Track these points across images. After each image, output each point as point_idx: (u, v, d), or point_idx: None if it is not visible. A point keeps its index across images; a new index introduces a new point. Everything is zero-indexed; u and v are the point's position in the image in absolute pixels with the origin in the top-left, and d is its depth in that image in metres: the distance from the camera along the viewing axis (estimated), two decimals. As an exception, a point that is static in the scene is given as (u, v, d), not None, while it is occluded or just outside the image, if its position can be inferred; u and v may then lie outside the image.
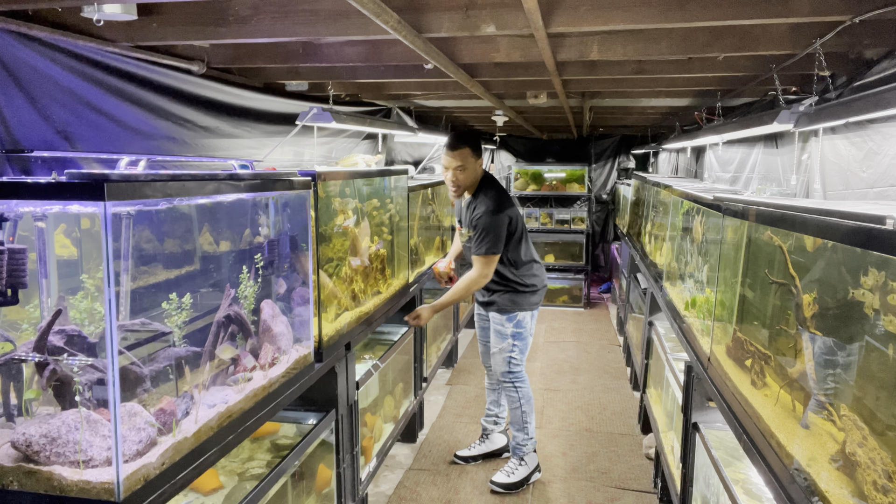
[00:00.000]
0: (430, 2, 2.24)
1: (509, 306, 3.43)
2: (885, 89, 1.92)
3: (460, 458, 3.79)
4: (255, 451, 2.46)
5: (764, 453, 1.63)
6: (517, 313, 3.42)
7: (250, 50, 2.96)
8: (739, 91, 3.84)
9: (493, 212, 3.20)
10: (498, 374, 3.52)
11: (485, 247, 3.21)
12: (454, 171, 3.24)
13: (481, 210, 3.21)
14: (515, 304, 3.42)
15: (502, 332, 3.47)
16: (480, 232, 3.20)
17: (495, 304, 3.46)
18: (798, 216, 1.53)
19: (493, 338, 3.51)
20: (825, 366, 1.44)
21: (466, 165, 3.23)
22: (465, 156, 3.23)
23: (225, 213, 2.19)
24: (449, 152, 3.24)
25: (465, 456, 3.79)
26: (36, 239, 1.69)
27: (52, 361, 1.51)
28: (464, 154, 3.23)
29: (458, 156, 3.23)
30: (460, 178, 3.26)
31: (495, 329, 3.49)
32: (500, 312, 3.45)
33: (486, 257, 3.23)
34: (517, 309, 3.42)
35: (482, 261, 3.24)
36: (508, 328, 3.45)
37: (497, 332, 3.49)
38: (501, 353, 3.49)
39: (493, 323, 3.50)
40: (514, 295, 3.42)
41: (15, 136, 2.05)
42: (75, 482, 1.39)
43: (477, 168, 3.30)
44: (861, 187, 2.59)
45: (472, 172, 3.28)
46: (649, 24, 2.18)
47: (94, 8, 1.98)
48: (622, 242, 6.89)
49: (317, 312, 2.43)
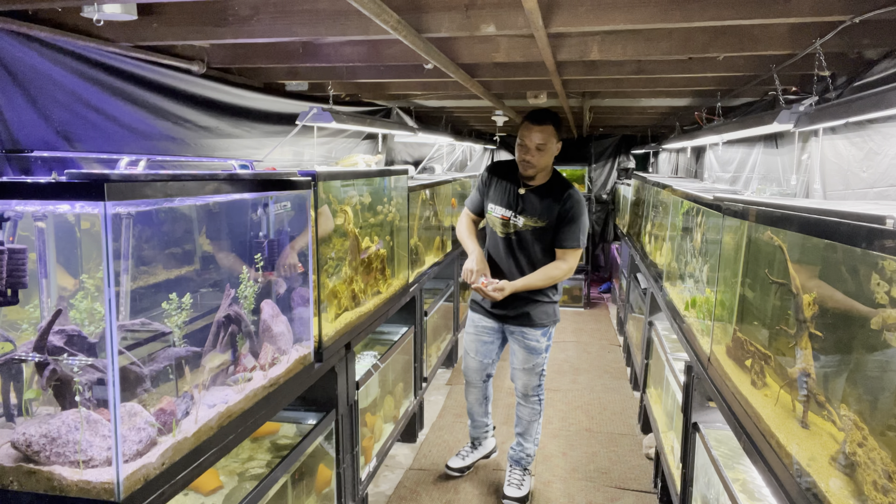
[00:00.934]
0: (430, 2, 2.24)
1: (545, 319, 3.14)
2: (885, 89, 1.92)
3: (455, 469, 3.61)
4: (255, 451, 2.46)
5: (764, 453, 1.63)
6: (550, 326, 3.17)
7: (250, 50, 2.96)
8: (739, 91, 3.84)
9: (584, 203, 3.03)
10: (527, 389, 3.26)
11: (579, 238, 3.00)
12: (535, 148, 2.92)
13: (574, 200, 2.98)
14: (550, 315, 3.16)
15: (536, 348, 3.16)
16: (577, 223, 2.98)
17: (529, 316, 3.11)
18: (798, 216, 1.53)
19: (523, 354, 3.18)
20: (825, 366, 1.44)
21: (548, 146, 2.94)
22: (549, 135, 2.93)
23: (225, 213, 2.19)
24: (533, 126, 2.91)
25: (461, 467, 3.61)
26: (36, 239, 1.69)
27: (52, 361, 1.51)
28: (548, 133, 2.93)
29: (543, 133, 2.92)
30: (537, 159, 2.94)
31: (527, 345, 3.16)
32: (534, 327, 3.13)
33: (577, 251, 3.01)
34: (551, 321, 3.16)
35: (573, 254, 3.01)
36: (543, 342, 3.17)
37: (529, 349, 3.17)
38: (535, 369, 3.21)
39: (522, 339, 3.15)
40: (549, 306, 3.15)
41: (15, 136, 2.05)
42: (75, 482, 1.39)
43: (555, 151, 3.01)
44: (861, 187, 2.59)
45: (551, 155, 2.99)
46: (649, 24, 2.18)
47: (94, 8, 1.98)
48: (622, 242, 6.89)
49: (317, 312, 2.43)
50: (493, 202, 3.15)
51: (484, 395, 3.45)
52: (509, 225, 3.07)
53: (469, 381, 3.42)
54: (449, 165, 7.49)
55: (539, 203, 3.02)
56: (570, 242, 3.00)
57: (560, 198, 2.98)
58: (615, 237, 8.66)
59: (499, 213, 3.11)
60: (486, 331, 3.27)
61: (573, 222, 2.97)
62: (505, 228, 3.08)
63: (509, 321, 3.16)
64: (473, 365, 3.36)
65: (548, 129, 2.92)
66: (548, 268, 3.00)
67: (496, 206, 3.13)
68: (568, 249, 3.00)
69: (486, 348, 3.30)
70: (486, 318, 3.25)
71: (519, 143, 2.97)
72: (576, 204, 2.98)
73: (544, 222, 2.99)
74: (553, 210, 2.98)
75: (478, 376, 3.38)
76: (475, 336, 3.30)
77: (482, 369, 3.35)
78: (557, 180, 3.08)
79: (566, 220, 2.97)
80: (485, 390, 3.44)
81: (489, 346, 3.29)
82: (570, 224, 2.97)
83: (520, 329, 3.14)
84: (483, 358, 3.31)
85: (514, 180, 3.09)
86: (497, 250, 3.14)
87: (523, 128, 2.94)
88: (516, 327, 3.16)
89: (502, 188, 3.13)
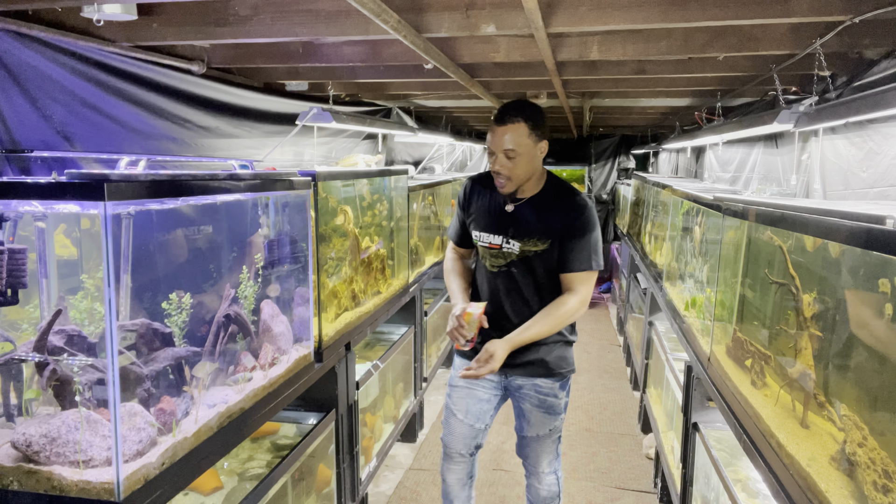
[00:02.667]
0: (430, 2, 2.24)
1: (563, 366, 2.34)
2: (885, 89, 1.92)
3: None
4: (255, 451, 2.46)
5: (764, 453, 1.63)
6: (569, 377, 2.39)
7: (250, 50, 2.96)
8: (739, 91, 3.84)
9: (594, 213, 2.26)
10: (542, 465, 2.44)
11: (594, 258, 2.22)
12: (503, 155, 2.16)
13: (580, 210, 2.21)
14: (569, 361, 2.38)
15: (555, 407, 2.35)
16: (586, 238, 2.20)
17: (545, 363, 2.30)
18: (798, 216, 1.53)
19: (538, 417, 2.35)
20: (825, 366, 1.44)
21: (522, 149, 2.14)
22: (521, 134, 2.13)
23: (225, 213, 2.18)
24: (497, 127, 2.16)
25: None
26: (36, 239, 1.69)
27: (52, 361, 1.51)
28: (518, 131, 2.13)
29: (512, 133, 2.14)
30: (510, 169, 2.17)
31: (543, 403, 2.34)
32: (552, 377, 2.32)
33: (593, 273, 2.23)
34: (569, 370, 2.37)
35: (588, 278, 2.22)
36: (562, 399, 2.37)
37: (547, 409, 2.35)
38: (551, 436, 2.40)
39: (536, 395, 2.34)
40: (567, 348, 2.36)
41: (15, 136, 2.05)
42: (75, 482, 1.39)
43: (538, 154, 2.20)
44: (861, 187, 2.59)
45: (532, 160, 2.19)
46: (649, 24, 2.18)
47: (94, 8, 1.98)
48: (622, 242, 6.89)
49: (317, 312, 2.43)
50: (479, 228, 2.35)
51: (469, 474, 2.50)
52: (502, 255, 2.28)
53: (450, 455, 2.46)
54: (449, 165, 7.49)
55: (535, 219, 2.25)
56: (580, 264, 2.21)
57: (563, 207, 2.23)
58: (615, 237, 8.66)
59: (487, 242, 2.32)
60: (483, 385, 2.39)
61: (583, 237, 2.20)
62: (497, 260, 2.30)
63: (516, 371, 2.33)
64: (460, 431, 2.41)
65: (517, 126, 2.13)
66: (553, 307, 2.21)
67: (482, 233, 2.33)
68: (579, 274, 2.21)
69: (479, 408, 2.40)
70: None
71: (487, 151, 2.23)
72: (584, 212, 2.22)
73: (546, 243, 2.22)
74: (556, 224, 2.22)
75: (464, 446, 2.42)
76: (467, 390, 2.40)
77: (472, 437, 2.42)
78: (554, 185, 2.30)
79: (574, 235, 2.20)
80: (470, 467, 2.50)
81: (485, 405, 2.40)
82: (578, 240, 2.20)
83: (531, 382, 2.32)
84: (475, 422, 2.40)
85: (499, 195, 2.31)
86: (492, 291, 2.34)
87: (489, 131, 2.19)
88: (526, 379, 2.33)
89: (486, 208, 2.35)
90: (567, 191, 2.29)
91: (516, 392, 2.39)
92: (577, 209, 2.22)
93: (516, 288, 2.29)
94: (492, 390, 2.40)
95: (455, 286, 2.42)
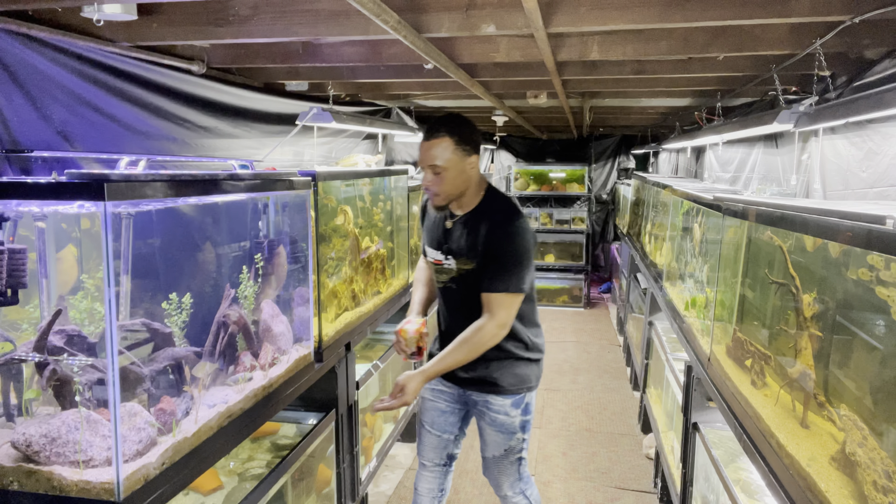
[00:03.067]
0: (430, 2, 2.24)
1: (516, 383, 2.26)
2: (885, 89, 1.92)
3: None
4: (255, 451, 2.46)
5: (764, 453, 1.63)
6: (525, 394, 2.29)
7: (250, 50, 2.96)
8: (739, 91, 3.84)
9: (522, 231, 2.14)
10: (503, 487, 2.39)
11: (512, 280, 2.11)
12: (428, 170, 2.15)
13: (502, 228, 2.13)
14: (523, 379, 2.27)
15: (508, 426, 2.28)
16: (504, 258, 2.11)
17: (491, 380, 2.24)
18: (798, 216, 1.53)
19: (491, 436, 2.30)
20: (825, 366, 1.44)
21: (449, 165, 2.12)
22: (446, 149, 2.11)
23: (225, 214, 2.18)
24: (422, 143, 2.16)
25: None
26: (36, 239, 1.69)
27: (52, 361, 1.51)
28: (443, 146, 2.11)
29: (436, 149, 2.12)
30: (438, 185, 2.15)
31: (494, 422, 2.28)
32: (501, 394, 2.25)
33: (512, 296, 2.13)
34: (525, 387, 2.28)
35: (505, 301, 2.12)
36: (516, 417, 2.28)
37: (499, 427, 2.28)
38: (508, 457, 2.32)
39: (488, 412, 2.28)
40: (520, 365, 2.27)
41: (15, 136, 2.05)
42: (75, 482, 1.39)
43: (467, 169, 2.16)
44: (861, 187, 2.59)
45: (460, 174, 2.15)
46: (649, 24, 2.18)
47: (94, 8, 1.99)
48: (622, 242, 6.89)
49: (317, 312, 2.43)
50: (426, 243, 2.36)
51: (440, 487, 2.47)
52: (444, 271, 2.26)
53: (423, 463, 2.47)
54: (449, 165, 7.47)
55: (465, 237, 2.19)
56: (496, 285, 2.11)
57: (489, 225, 2.15)
58: (615, 237, 8.66)
59: (432, 258, 2.31)
60: (444, 397, 2.39)
61: (502, 257, 2.11)
62: (441, 276, 2.29)
63: (469, 386, 2.30)
64: (429, 441, 2.43)
65: (442, 141, 2.11)
66: (469, 333, 2.13)
67: (428, 248, 2.34)
68: (495, 295, 2.11)
69: (444, 419, 2.40)
70: (444, 381, 2.37)
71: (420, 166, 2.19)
72: (507, 232, 2.12)
73: (474, 263, 2.17)
74: (480, 243, 2.15)
75: (436, 455, 2.44)
76: (431, 402, 2.41)
77: (441, 447, 2.42)
78: (490, 202, 2.22)
79: (494, 255, 2.12)
80: (442, 479, 2.47)
81: (449, 416, 2.40)
82: (497, 260, 2.12)
83: (483, 399, 2.28)
84: (441, 432, 2.40)
85: (443, 212, 2.28)
86: (443, 304, 2.37)
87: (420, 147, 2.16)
88: (479, 395, 2.29)
89: (432, 223, 2.33)
90: (497, 209, 2.20)
91: (473, 408, 2.38)
92: (501, 228, 2.14)
93: (459, 304, 2.26)
94: (452, 403, 2.40)
95: (416, 297, 2.48)
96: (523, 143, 9.23)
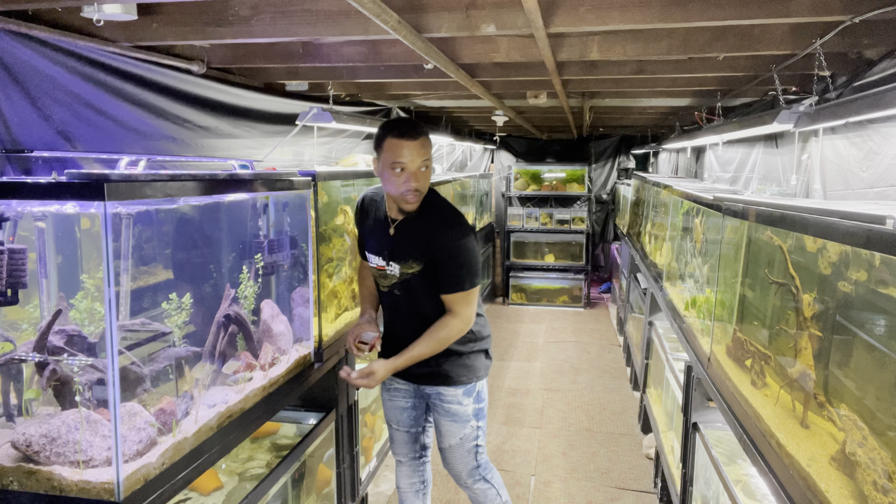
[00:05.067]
0: (430, 2, 2.24)
1: (465, 374, 2.34)
2: (885, 89, 1.92)
3: None
4: (255, 451, 2.46)
5: (764, 453, 1.63)
6: (475, 382, 2.37)
7: (250, 50, 2.96)
8: (739, 91, 3.84)
9: (465, 231, 2.22)
10: (463, 474, 2.44)
11: (467, 278, 2.20)
12: (419, 170, 2.13)
13: (451, 230, 2.19)
14: (472, 369, 2.36)
15: (461, 415, 2.36)
16: (455, 259, 2.18)
17: (442, 373, 2.32)
18: (798, 216, 1.53)
19: (445, 426, 2.38)
20: (825, 366, 1.44)
21: (430, 162, 2.17)
22: (429, 147, 2.16)
23: (225, 214, 2.19)
24: (409, 141, 2.10)
25: None
26: (36, 239, 1.69)
27: (52, 361, 1.51)
28: (428, 145, 2.16)
29: (426, 147, 2.14)
30: (424, 184, 2.17)
31: (448, 412, 2.36)
32: (453, 385, 2.34)
33: (470, 292, 2.22)
34: (475, 377, 2.36)
35: (464, 299, 2.21)
36: (469, 406, 2.36)
37: (452, 416, 2.36)
38: (464, 445, 2.39)
39: (441, 404, 2.37)
40: (471, 357, 2.35)
41: (15, 136, 2.05)
42: (75, 482, 1.39)
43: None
44: (861, 187, 2.59)
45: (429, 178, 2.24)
46: (649, 24, 2.18)
47: (94, 8, 1.98)
48: (622, 242, 6.89)
49: (317, 312, 2.43)
50: (368, 249, 2.36)
51: (421, 480, 2.58)
52: (386, 276, 2.30)
53: (399, 460, 2.57)
54: (449, 165, 7.49)
55: (410, 241, 2.23)
56: (453, 286, 2.20)
57: (433, 227, 2.21)
58: (615, 237, 8.66)
59: (375, 263, 2.33)
60: (401, 394, 2.47)
61: (452, 258, 2.18)
62: (384, 281, 2.32)
63: (422, 381, 2.38)
64: (399, 437, 2.52)
65: (427, 140, 2.16)
66: (435, 329, 2.22)
67: (371, 255, 2.35)
68: (454, 295, 2.21)
69: (405, 415, 2.48)
70: (397, 379, 2.43)
71: (393, 168, 2.11)
72: (451, 233, 2.19)
73: (420, 265, 2.21)
74: (426, 246, 2.20)
75: (408, 450, 2.53)
76: (390, 402, 2.49)
77: (411, 442, 2.52)
78: (430, 204, 2.25)
79: (443, 256, 2.19)
80: (421, 471, 2.57)
81: (408, 411, 2.48)
82: (448, 261, 2.19)
83: (436, 391, 2.36)
84: (407, 427, 2.50)
85: (384, 218, 2.30)
86: (387, 310, 2.40)
87: (394, 146, 2.10)
88: (432, 388, 2.37)
89: (373, 228, 2.34)
90: (438, 212, 2.25)
91: (428, 401, 2.45)
92: (445, 229, 2.20)
93: (403, 307, 2.31)
94: (408, 398, 2.47)
95: (363, 296, 2.48)
96: (523, 143, 9.22)
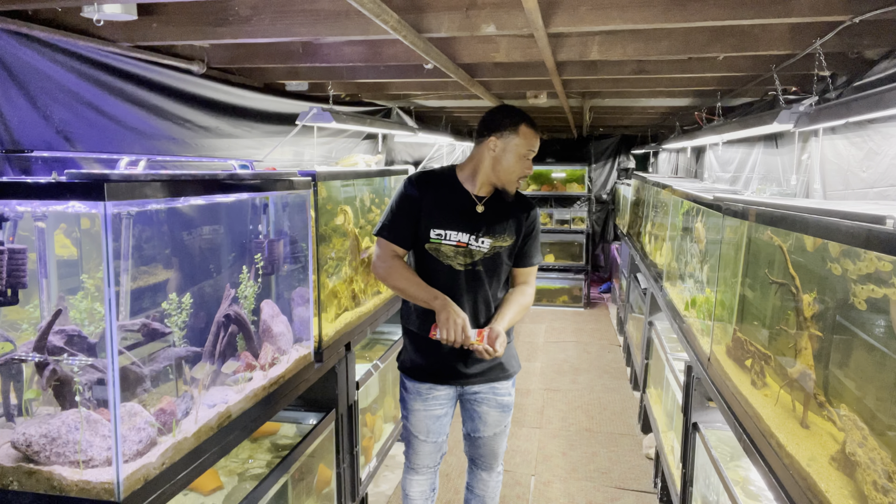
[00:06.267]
0: (430, 2, 2.24)
1: (514, 363, 2.47)
2: (885, 89, 1.92)
3: None
4: (255, 451, 2.46)
5: (764, 453, 1.63)
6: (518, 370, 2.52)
7: (250, 50, 2.96)
8: (739, 91, 3.84)
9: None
10: (496, 459, 2.55)
11: (541, 253, 2.48)
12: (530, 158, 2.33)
13: (534, 209, 2.40)
14: (516, 357, 2.50)
15: (509, 404, 2.47)
16: (538, 234, 2.43)
17: (502, 367, 2.40)
18: (798, 216, 1.53)
19: (496, 416, 2.43)
20: (825, 366, 1.44)
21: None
22: None
23: (225, 214, 2.18)
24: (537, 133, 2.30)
25: None
26: (36, 239, 1.69)
27: (52, 361, 1.51)
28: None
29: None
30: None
31: (500, 403, 2.43)
32: (508, 378, 2.43)
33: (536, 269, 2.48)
34: (518, 364, 2.51)
35: (535, 272, 2.46)
36: (513, 394, 2.50)
37: (503, 407, 2.44)
38: (505, 431, 2.51)
39: (494, 397, 2.41)
40: (511, 345, 2.45)
41: (15, 136, 2.05)
42: (75, 482, 1.39)
43: None
44: (861, 187, 2.59)
45: None
46: (649, 24, 2.18)
47: (94, 8, 1.98)
48: (622, 242, 6.89)
49: (317, 312, 2.43)
50: (440, 226, 2.29)
51: (431, 486, 2.60)
52: (469, 253, 2.29)
53: (415, 469, 2.53)
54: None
55: (502, 216, 2.33)
56: (535, 259, 2.42)
57: (521, 206, 2.36)
58: (615, 237, 8.66)
59: (454, 240, 2.29)
60: (439, 402, 2.42)
61: (536, 233, 2.42)
62: (462, 259, 2.29)
63: (474, 380, 2.37)
64: (426, 449, 2.48)
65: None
66: (519, 297, 2.35)
67: (447, 231, 2.29)
68: (534, 268, 2.43)
69: (439, 425, 2.45)
70: (438, 386, 2.39)
71: (523, 155, 2.26)
72: (534, 211, 2.42)
73: (513, 238, 2.34)
74: (520, 221, 2.35)
75: (431, 461, 2.52)
76: (424, 412, 2.42)
77: (436, 451, 2.51)
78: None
79: (532, 232, 2.39)
80: (433, 479, 2.61)
81: (443, 419, 2.45)
82: (535, 237, 2.42)
83: (490, 386, 2.40)
84: (437, 438, 2.47)
85: (463, 195, 2.33)
86: (452, 288, 2.29)
87: (531, 136, 2.25)
88: (484, 385, 2.39)
89: (449, 206, 2.31)
90: (518, 194, 2.39)
91: (472, 397, 2.43)
92: (532, 208, 2.41)
93: (479, 285, 2.31)
94: (447, 405, 2.44)
95: (418, 282, 2.28)
96: (523, 143, 9.22)
